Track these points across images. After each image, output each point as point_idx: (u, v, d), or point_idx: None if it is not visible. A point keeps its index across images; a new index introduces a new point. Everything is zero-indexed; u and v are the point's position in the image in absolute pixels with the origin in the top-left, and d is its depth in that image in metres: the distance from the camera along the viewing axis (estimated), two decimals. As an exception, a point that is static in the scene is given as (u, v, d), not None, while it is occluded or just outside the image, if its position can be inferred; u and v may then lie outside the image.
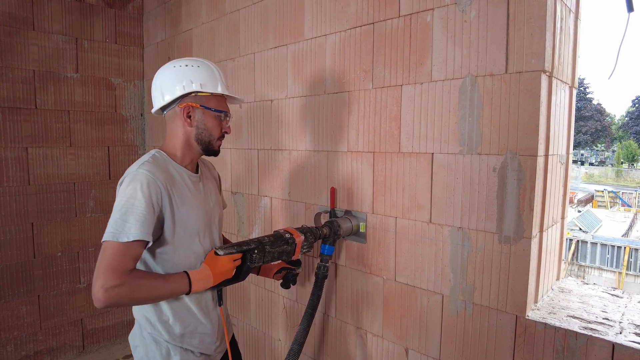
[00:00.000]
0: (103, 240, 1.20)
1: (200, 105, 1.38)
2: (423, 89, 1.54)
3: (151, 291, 1.22)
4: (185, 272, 1.29)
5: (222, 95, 1.44)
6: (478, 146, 1.40)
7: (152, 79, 1.46)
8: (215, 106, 1.41)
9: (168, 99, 1.37)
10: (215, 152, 1.47)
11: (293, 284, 1.78)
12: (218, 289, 1.44)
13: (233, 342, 1.69)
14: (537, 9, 1.26)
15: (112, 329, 3.39)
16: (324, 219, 1.90)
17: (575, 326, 1.25)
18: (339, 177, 1.88)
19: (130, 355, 3.22)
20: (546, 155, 1.35)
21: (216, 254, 1.35)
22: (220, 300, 1.46)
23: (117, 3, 3.25)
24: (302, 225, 1.70)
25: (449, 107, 1.47)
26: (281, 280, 1.77)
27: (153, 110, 1.46)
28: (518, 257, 1.33)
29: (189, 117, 1.38)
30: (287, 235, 1.56)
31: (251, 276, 2.44)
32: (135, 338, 1.46)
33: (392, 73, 1.64)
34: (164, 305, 1.36)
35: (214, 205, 1.52)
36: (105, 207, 3.28)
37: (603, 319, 1.30)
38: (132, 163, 1.37)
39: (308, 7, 1.97)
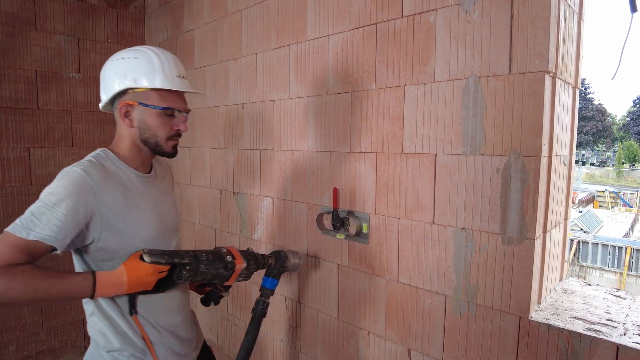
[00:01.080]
0: (5, 230, 1.06)
1: (139, 103, 1.22)
2: (426, 89, 1.54)
3: (34, 290, 1.01)
4: (93, 271, 1.12)
5: (168, 90, 1.25)
6: (481, 147, 1.40)
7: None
8: (157, 102, 1.23)
9: (104, 98, 1.27)
10: (168, 154, 1.31)
11: (215, 304, 1.57)
12: (130, 296, 1.23)
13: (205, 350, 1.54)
14: (540, 9, 1.25)
15: (113, 329, 3.39)
16: (327, 220, 1.90)
17: (579, 327, 1.25)
18: (341, 177, 1.88)
19: (132, 356, 3.23)
20: (550, 156, 1.35)
21: (141, 258, 1.16)
22: (132, 308, 1.23)
23: (119, 3, 3.25)
24: (247, 249, 1.54)
25: (452, 108, 1.47)
26: (202, 296, 1.57)
27: (100, 108, 1.34)
28: (521, 258, 1.33)
29: (127, 116, 1.24)
30: (229, 258, 1.38)
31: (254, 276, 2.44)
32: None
33: (395, 73, 1.64)
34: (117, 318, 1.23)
35: (170, 208, 1.38)
36: (107, 208, 3.27)
37: (607, 320, 1.30)
38: None
39: (310, 7, 1.97)
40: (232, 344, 2.70)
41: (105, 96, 1.27)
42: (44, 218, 1.07)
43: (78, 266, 1.26)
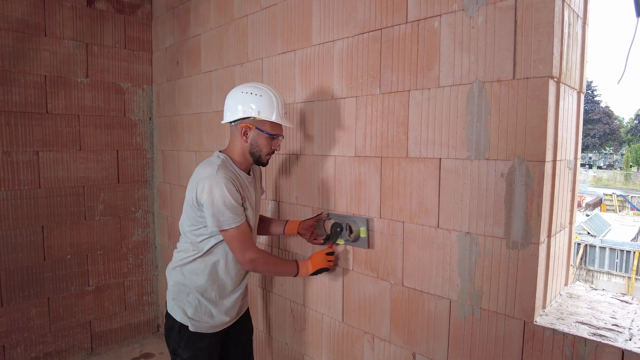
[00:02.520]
0: (222, 229, 1.63)
1: (256, 127, 1.70)
2: (430, 94, 1.55)
3: (273, 267, 1.81)
4: (295, 260, 1.84)
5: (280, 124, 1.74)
6: (486, 151, 1.40)
7: (160, 84, 1.49)
8: (269, 130, 1.71)
9: (229, 117, 1.72)
10: (263, 164, 1.80)
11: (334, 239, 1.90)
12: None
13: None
14: (544, 14, 1.26)
15: (120, 331, 3.42)
16: (328, 224, 1.96)
17: (584, 332, 1.24)
18: (346, 181, 1.89)
19: (138, 358, 3.25)
20: (554, 161, 1.35)
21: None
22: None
23: (126, 9, 3.30)
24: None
25: (457, 113, 1.48)
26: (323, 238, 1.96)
27: (223, 122, 1.78)
28: (526, 263, 1.33)
29: (245, 135, 1.71)
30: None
31: (257, 280, 2.45)
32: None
33: (400, 78, 1.65)
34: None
35: (258, 199, 1.90)
36: (113, 211, 3.31)
37: (612, 325, 1.30)
38: (142, 167, 1.47)
39: (316, 13, 1.99)
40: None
41: (232, 116, 1.72)
42: (227, 212, 1.62)
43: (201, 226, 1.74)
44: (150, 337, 3.58)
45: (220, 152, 1.77)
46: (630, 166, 41.55)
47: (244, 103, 1.68)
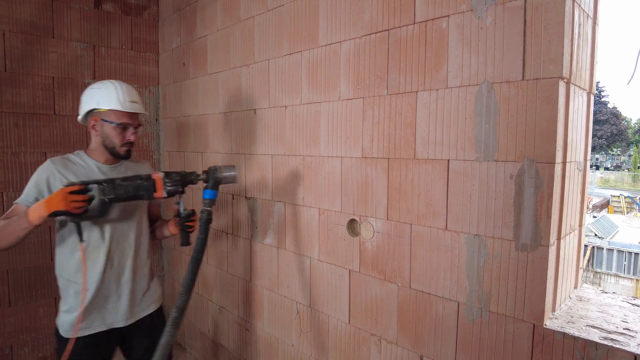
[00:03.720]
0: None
1: (101, 119, 1.73)
2: (439, 95, 1.54)
3: (4, 232, 1.55)
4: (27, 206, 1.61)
5: (122, 111, 1.72)
6: (495, 153, 1.39)
7: (167, 85, 1.51)
8: (113, 119, 1.72)
9: (81, 113, 1.77)
10: (122, 156, 1.78)
11: (190, 234, 1.79)
12: (75, 222, 1.58)
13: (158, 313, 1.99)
14: (555, 15, 1.25)
15: (126, 331, 3.42)
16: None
17: (595, 336, 1.23)
18: (353, 183, 1.88)
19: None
20: (564, 162, 1.34)
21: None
22: (80, 237, 1.60)
23: (133, 10, 3.31)
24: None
25: (465, 114, 1.47)
26: (180, 239, 1.80)
27: (79, 120, 1.81)
28: (535, 265, 1.32)
29: (94, 128, 1.75)
30: (144, 175, 1.64)
31: (263, 280, 2.45)
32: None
33: (407, 79, 1.64)
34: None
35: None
36: (120, 211, 3.32)
37: (624, 329, 1.28)
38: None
39: (322, 14, 1.99)
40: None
41: (81, 112, 1.76)
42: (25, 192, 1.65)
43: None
44: (156, 337, 3.58)
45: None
46: (638, 167, 41.16)
47: (87, 98, 1.74)
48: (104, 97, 1.71)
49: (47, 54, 2.89)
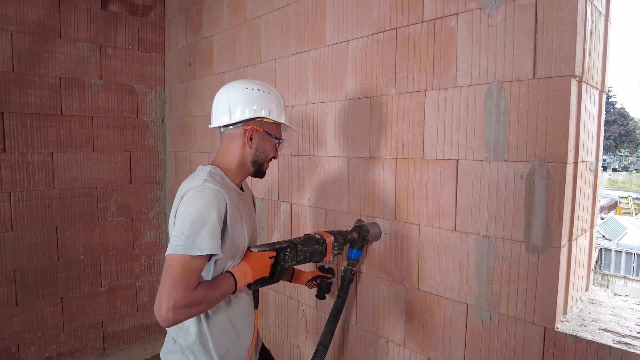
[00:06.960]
0: (169, 253, 1.15)
1: (264, 131, 1.40)
2: (447, 94, 1.52)
3: (211, 302, 1.22)
4: (229, 271, 1.29)
5: (280, 124, 1.48)
6: (505, 153, 1.37)
7: (173, 85, 1.48)
8: (275, 133, 1.44)
9: (236, 118, 1.37)
10: (263, 174, 1.49)
11: (327, 293, 1.82)
12: (254, 290, 1.43)
13: (264, 351, 1.65)
14: (567, 12, 1.23)
15: (132, 332, 3.43)
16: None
17: (608, 340, 1.20)
18: (360, 183, 1.87)
19: (149, 359, 3.25)
20: (575, 162, 1.32)
21: (250, 251, 1.37)
22: (256, 303, 1.46)
23: (139, 11, 3.32)
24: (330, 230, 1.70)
25: (475, 113, 1.45)
26: (316, 290, 1.83)
27: (212, 125, 1.44)
28: (546, 267, 1.29)
29: (251, 139, 1.39)
30: (317, 236, 1.58)
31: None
32: (173, 352, 1.38)
33: (416, 78, 1.62)
34: (204, 325, 1.32)
35: (254, 224, 1.52)
36: (126, 212, 3.33)
37: (638, 332, 1.25)
38: (154, 168, 1.38)
39: (329, 13, 1.97)
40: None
41: (239, 116, 1.37)
42: (204, 232, 1.18)
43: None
44: (162, 338, 3.59)
45: (205, 165, 1.42)
46: (646, 168, 40.73)
47: (252, 102, 1.37)
48: (275, 106, 1.42)
49: (54, 55, 2.90)
